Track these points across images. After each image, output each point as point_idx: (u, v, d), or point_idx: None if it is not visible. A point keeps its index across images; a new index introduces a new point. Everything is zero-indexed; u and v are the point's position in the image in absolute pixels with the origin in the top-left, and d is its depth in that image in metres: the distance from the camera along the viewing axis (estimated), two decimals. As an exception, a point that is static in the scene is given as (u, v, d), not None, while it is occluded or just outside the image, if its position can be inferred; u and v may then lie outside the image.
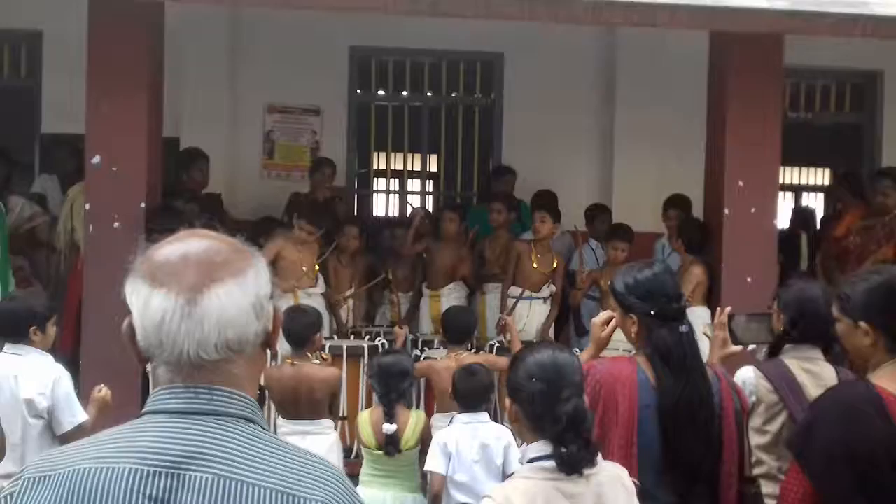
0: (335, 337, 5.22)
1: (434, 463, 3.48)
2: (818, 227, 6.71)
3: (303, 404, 3.94)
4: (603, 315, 2.55)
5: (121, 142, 4.62)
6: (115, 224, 4.60)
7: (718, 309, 2.88)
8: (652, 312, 2.30)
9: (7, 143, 5.86)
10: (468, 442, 3.48)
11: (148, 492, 1.06)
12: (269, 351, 1.22)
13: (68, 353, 4.80)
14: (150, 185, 4.73)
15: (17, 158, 5.88)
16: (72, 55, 5.14)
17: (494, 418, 3.95)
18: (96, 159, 4.63)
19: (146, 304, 1.11)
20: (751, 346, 3.01)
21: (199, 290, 1.10)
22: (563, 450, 1.84)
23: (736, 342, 2.85)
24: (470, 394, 3.59)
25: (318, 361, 4.16)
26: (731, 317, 2.86)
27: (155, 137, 4.86)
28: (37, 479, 1.10)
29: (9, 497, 1.11)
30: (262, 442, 1.12)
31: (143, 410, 1.14)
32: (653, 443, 2.25)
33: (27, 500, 1.09)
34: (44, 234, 5.38)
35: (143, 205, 4.65)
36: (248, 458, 1.09)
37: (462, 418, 3.56)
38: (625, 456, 2.22)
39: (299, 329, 3.99)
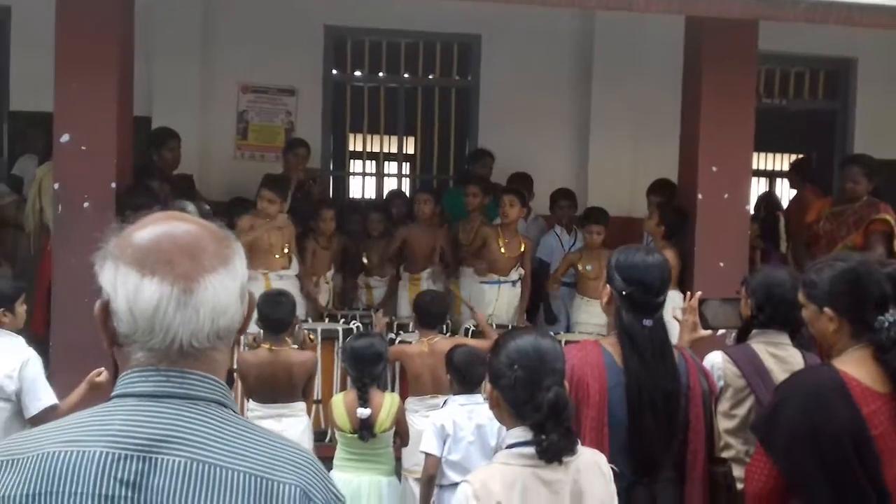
0: (310, 320, 5.20)
1: (429, 444, 3.48)
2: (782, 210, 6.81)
3: (280, 389, 3.94)
4: None
5: (90, 120, 4.54)
6: (85, 204, 4.53)
7: (689, 293, 2.90)
8: (624, 293, 2.33)
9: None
10: (465, 423, 3.50)
11: (119, 475, 1.04)
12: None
13: (41, 334, 4.75)
14: (120, 165, 4.65)
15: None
16: (41, 32, 5.03)
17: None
18: (65, 138, 4.55)
19: (137, 291, 1.09)
20: (720, 331, 3.05)
21: (194, 279, 1.10)
22: (544, 437, 1.84)
23: (706, 326, 2.88)
24: (472, 377, 3.60)
25: (295, 346, 4.15)
26: (701, 301, 2.89)
27: (125, 116, 4.78)
28: (4, 462, 1.07)
29: None
30: (235, 426, 1.11)
31: (113, 393, 1.12)
32: (622, 422, 2.29)
33: None
34: (11, 214, 5.29)
35: (113, 185, 4.58)
36: (220, 441, 1.08)
37: (459, 399, 3.57)
38: (597, 436, 2.25)
39: (280, 315, 3.97)
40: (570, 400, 1.92)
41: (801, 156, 7.32)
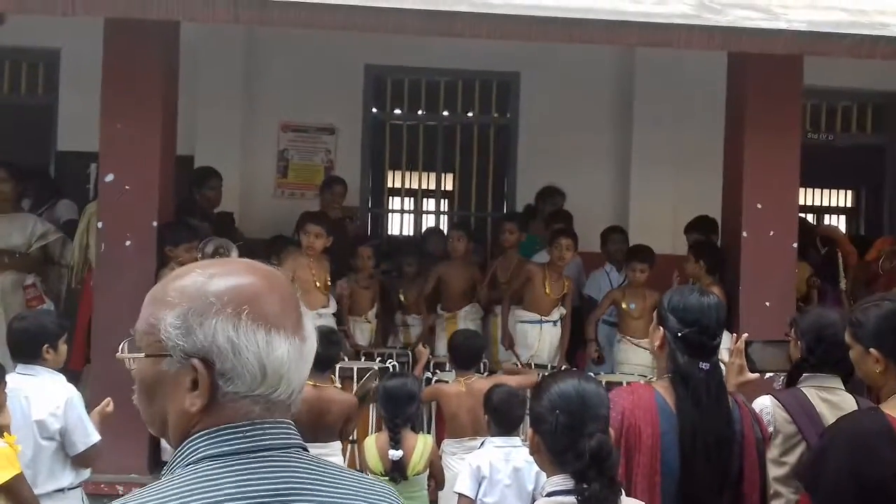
0: (346, 358, 5.17)
1: (463, 485, 3.43)
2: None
3: (322, 427, 3.92)
4: None
5: (134, 160, 4.62)
6: (128, 242, 4.59)
7: (735, 335, 2.80)
8: (679, 335, 2.24)
9: (24, 159, 5.90)
10: (501, 465, 3.44)
11: None
12: None
13: (78, 370, 4.79)
14: (162, 204, 4.72)
15: (31, 175, 5.90)
16: (88, 73, 5.17)
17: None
18: (110, 177, 4.63)
19: (270, 346, 1.07)
20: (767, 374, 2.93)
21: (303, 327, 1.12)
22: (585, 487, 1.76)
23: (752, 369, 2.76)
24: (512, 419, 3.55)
25: (339, 385, 4.14)
26: (748, 343, 2.78)
27: (168, 156, 4.86)
28: None
29: None
30: (328, 468, 1.13)
31: (204, 454, 1.06)
32: (673, 470, 2.19)
33: None
34: (56, 252, 5.38)
35: (155, 223, 4.65)
36: (330, 484, 1.10)
37: (496, 441, 3.52)
38: (648, 484, 2.16)
39: (329, 354, 3.99)
40: (614, 448, 1.83)
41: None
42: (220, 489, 1.03)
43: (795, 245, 4.86)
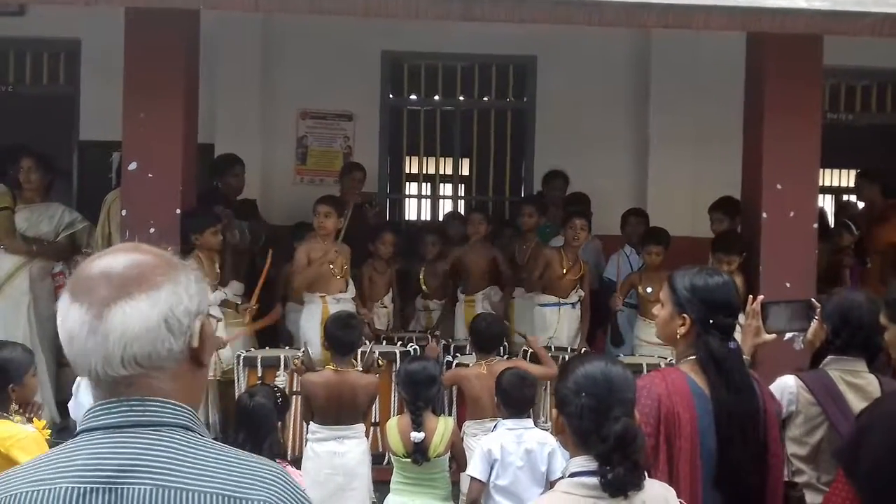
0: (367, 343, 5.21)
1: (475, 468, 3.46)
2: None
3: (345, 410, 3.97)
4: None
5: (157, 149, 4.66)
6: (151, 230, 4.64)
7: (751, 297, 2.77)
8: (711, 321, 2.23)
9: (46, 149, 5.97)
10: (514, 448, 3.46)
11: None
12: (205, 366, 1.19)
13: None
14: (185, 192, 4.77)
15: (58, 165, 5.96)
16: (109, 63, 5.22)
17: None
18: (133, 166, 4.68)
19: (64, 317, 1.12)
20: (786, 336, 2.90)
21: (106, 305, 1.10)
22: (608, 469, 1.76)
23: (769, 330, 2.73)
24: (521, 401, 3.58)
25: (360, 369, 4.19)
26: (763, 304, 2.74)
27: (190, 144, 4.90)
28: None
29: None
30: (202, 448, 1.11)
31: (79, 429, 1.13)
32: (711, 453, 2.19)
33: None
34: (83, 240, 5.46)
35: (178, 211, 4.70)
36: (185, 465, 1.09)
37: (508, 424, 3.54)
38: (691, 469, 2.16)
39: (350, 339, 4.05)
40: (639, 433, 1.82)
41: (871, 170, 7.06)
42: (75, 461, 1.09)
43: (816, 225, 4.84)
